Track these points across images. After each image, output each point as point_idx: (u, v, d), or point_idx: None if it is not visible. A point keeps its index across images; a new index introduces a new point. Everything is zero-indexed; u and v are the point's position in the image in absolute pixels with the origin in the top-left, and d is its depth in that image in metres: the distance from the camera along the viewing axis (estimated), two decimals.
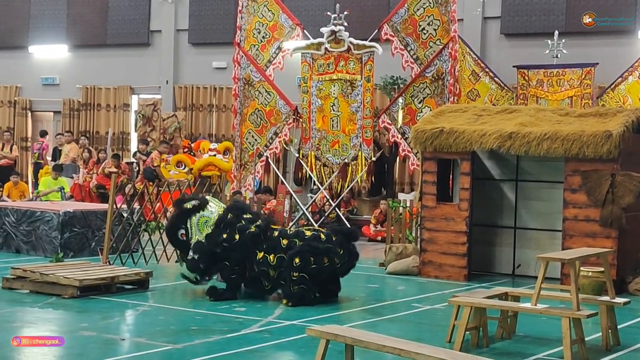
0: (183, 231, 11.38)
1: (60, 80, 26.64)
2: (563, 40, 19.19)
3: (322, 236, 11.14)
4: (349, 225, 15.92)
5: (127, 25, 25.55)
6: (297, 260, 10.85)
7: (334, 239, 11.16)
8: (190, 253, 11.25)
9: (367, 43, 17.91)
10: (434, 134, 13.54)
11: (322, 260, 10.94)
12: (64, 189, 20.51)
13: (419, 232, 14.39)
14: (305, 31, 18.50)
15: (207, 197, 11.81)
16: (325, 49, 18.02)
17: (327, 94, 18.05)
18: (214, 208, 11.51)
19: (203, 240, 11.18)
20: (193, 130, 24.40)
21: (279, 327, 9.68)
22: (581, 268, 10.91)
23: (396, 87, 20.11)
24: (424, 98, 17.46)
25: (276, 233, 11.30)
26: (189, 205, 11.41)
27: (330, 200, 18.90)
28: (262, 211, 16.00)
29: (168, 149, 21.48)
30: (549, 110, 14.23)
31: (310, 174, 18.48)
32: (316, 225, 16.01)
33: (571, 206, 12.77)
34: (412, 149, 16.58)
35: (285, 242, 11.10)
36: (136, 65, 25.39)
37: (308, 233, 11.22)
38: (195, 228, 11.32)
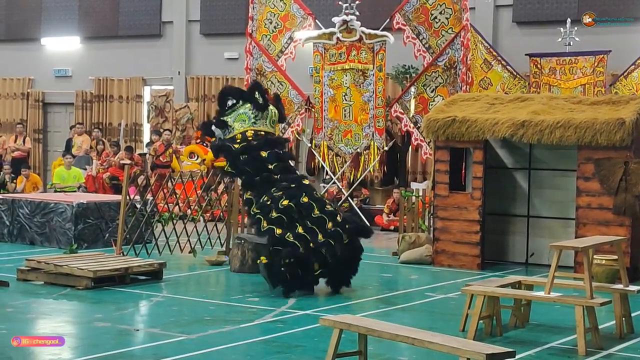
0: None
1: (72, 72, 26.67)
2: (575, 28, 19.11)
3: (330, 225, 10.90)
4: (362, 217, 15.89)
5: (138, 17, 25.56)
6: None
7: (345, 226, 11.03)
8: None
9: (378, 32, 17.89)
10: (446, 123, 13.53)
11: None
12: (81, 186, 20.52)
13: (431, 221, 14.39)
14: (317, 21, 18.48)
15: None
16: (337, 38, 18.00)
17: (339, 83, 18.04)
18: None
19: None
20: (205, 121, 24.38)
21: (293, 317, 9.70)
22: (594, 256, 10.89)
23: (408, 76, 20.07)
24: (436, 87, 17.43)
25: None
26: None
27: (342, 190, 18.90)
28: None
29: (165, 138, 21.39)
30: (561, 99, 14.20)
31: (323, 163, 18.47)
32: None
33: (584, 194, 12.75)
34: (424, 138, 16.57)
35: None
36: (148, 57, 25.41)
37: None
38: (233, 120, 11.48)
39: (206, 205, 15.25)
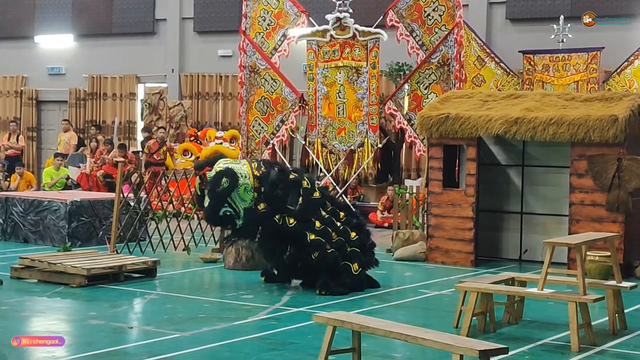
0: (229, 209, 10.72)
1: (66, 69, 26.65)
2: (569, 25, 19.12)
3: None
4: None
5: (132, 14, 25.54)
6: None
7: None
8: (239, 222, 10.79)
9: (372, 30, 17.86)
10: (439, 120, 13.54)
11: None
12: (68, 177, 20.58)
13: (425, 218, 14.40)
14: (310, 18, 18.46)
15: (229, 166, 10.83)
16: (331, 36, 17.98)
17: (333, 81, 18.03)
18: (244, 170, 10.78)
19: (251, 207, 10.72)
20: (199, 118, 24.42)
21: (286, 314, 9.71)
22: (588, 252, 10.91)
23: (402, 73, 20.07)
24: (429, 84, 17.42)
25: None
26: (222, 186, 10.57)
27: (336, 187, 18.90)
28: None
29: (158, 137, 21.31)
30: (554, 95, 14.21)
31: (317, 161, 18.46)
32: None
33: (577, 191, 12.78)
34: (418, 135, 16.56)
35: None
36: (142, 54, 25.39)
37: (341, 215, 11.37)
38: (238, 200, 10.70)
39: None
